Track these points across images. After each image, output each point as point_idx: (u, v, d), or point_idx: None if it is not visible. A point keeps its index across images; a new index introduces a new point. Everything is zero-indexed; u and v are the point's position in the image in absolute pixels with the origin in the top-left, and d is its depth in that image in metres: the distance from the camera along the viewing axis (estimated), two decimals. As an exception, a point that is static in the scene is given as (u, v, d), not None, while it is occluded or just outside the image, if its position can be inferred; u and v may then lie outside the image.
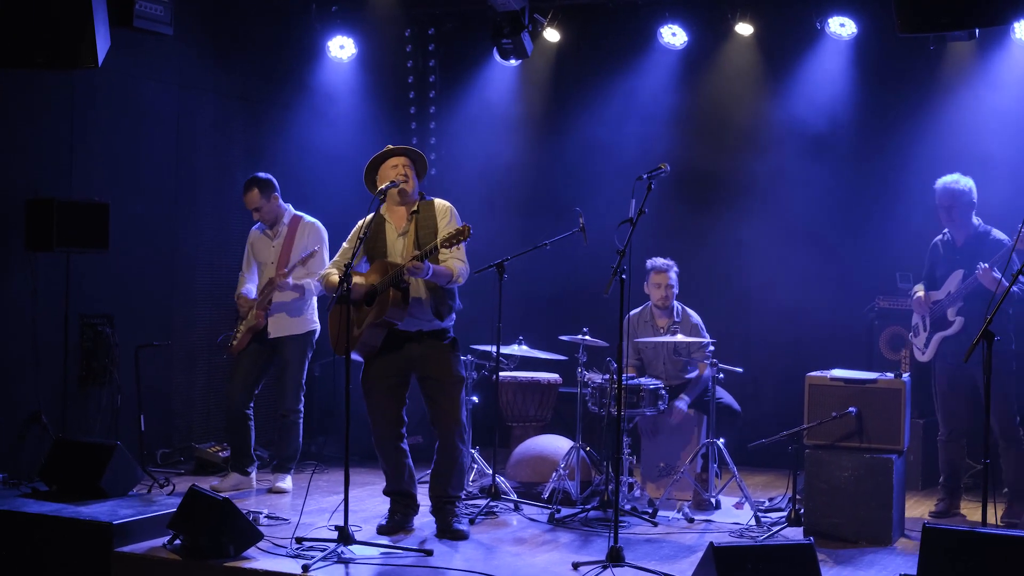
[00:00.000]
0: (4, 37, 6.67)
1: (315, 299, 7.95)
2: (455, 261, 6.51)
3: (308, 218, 7.96)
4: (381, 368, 6.64)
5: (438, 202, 6.67)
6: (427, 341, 6.59)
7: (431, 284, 6.48)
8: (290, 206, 7.98)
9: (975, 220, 7.36)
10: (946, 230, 7.49)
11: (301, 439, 8.00)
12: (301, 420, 7.96)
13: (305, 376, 7.95)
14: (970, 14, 6.09)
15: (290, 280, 7.68)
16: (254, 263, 8.04)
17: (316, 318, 7.99)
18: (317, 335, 8.00)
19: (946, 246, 7.47)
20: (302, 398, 7.94)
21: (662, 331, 7.93)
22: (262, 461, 8.38)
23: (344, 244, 6.78)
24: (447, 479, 6.68)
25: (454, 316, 6.69)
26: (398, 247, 6.58)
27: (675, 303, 8.02)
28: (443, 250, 6.39)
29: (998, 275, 6.94)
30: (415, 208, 6.61)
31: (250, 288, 7.99)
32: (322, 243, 7.87)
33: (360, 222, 6.61)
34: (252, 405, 7.92)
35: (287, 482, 7.89)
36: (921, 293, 7.50)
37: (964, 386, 7.36)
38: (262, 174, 7.93)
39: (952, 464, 7.51)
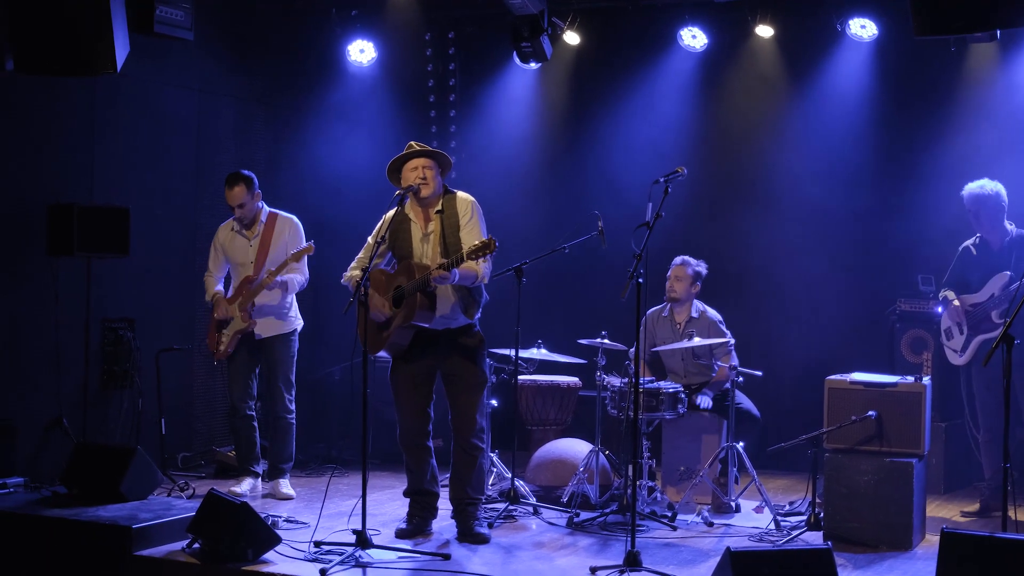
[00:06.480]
0: (24, 44, 6.73)
1: (295, 296, 7.83)
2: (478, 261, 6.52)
3: (284, 214, 7.84)
4: (409, 365, 6.68)
5: (460, 196, 6.67)
6: (454, 340, 6.62)
7: (458, 285, 6.50)
8: (264, 204, 7.85)
9: (1008, 225, 7.29)
10: (978, 235, 7.44)
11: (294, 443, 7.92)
12: (294, 420, 7.87)
13: (294, 374, 7.86)
14: (985, 17, 6.03)
15: (279, 278, 7.57)
16: (225, 263, 7.91)
17: (299, 315, 7.90)
18: (300, 330, 7.91)
19: (980, 250, 7.42)
20: (294, 396, 7.86)
21: (679, 327, 7.92)
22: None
23: (369, 239, 6.78)
24: (467, 480, 6.68)
25: (481, 309, 6.71)
26: (423, 248, 6.60)
27: (696, 302, 8.02)
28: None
29: None
30: (439, 207, 6.62)
31: (220, 289, 7.90)
32: (302, 238, 7.75)
33: (385, 216, 6.64)
34: (254, 405, 7.87)
35: (288, 487, 7.83)
36: (956, 301, 7.44)
37: (1001, 387, 7.23)
38: (245, 171, 7.79)
39: (996, 464, 7.43)
